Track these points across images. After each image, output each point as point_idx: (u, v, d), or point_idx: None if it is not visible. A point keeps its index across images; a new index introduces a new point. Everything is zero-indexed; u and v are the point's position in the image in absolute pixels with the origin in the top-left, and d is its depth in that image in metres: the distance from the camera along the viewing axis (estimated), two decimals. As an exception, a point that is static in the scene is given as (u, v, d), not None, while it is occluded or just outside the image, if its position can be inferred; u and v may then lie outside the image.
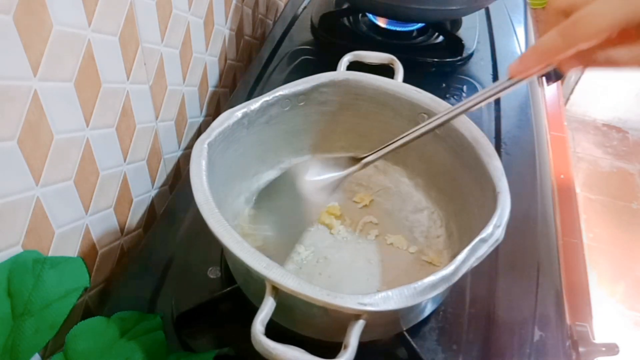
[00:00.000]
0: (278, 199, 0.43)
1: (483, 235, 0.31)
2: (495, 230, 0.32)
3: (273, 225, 0.42)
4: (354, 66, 0.46)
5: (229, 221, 0.32)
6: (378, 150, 0.40)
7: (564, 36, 0.29)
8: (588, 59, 0.31)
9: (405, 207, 0.47)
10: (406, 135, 0.38)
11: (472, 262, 0.30)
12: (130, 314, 0.38)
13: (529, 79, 0.32)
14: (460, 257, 0.30)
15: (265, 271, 0.28)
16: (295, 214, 0.41)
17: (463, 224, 0.42)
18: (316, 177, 0.41)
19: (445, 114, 0.37)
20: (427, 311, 0.38)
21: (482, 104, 0.35)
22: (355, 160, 0.41)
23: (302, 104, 0.44)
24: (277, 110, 0.43)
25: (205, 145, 0.36)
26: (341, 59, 0.47)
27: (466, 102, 0.35)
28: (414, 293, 0.28)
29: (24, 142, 0.33)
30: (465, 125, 0.40)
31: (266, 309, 0.28)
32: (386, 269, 0.43)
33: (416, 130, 0.38)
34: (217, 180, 0.37)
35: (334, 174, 0.41)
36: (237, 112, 0.40)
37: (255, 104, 0.41)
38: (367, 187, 0.49)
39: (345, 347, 0.27)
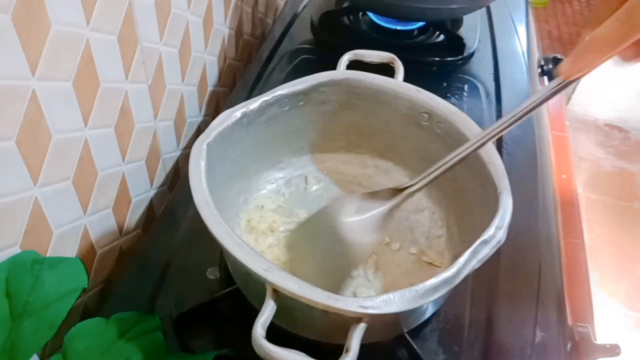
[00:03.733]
0: (314, 244, 0.40)
1: (485, 237, 0.31)
2: (497, 231, 0.31)
3: (311, 273, 0.38)
4: (354, 65, 0.46)
5: (229, 222, 0.32)
6: (422, 179, 0.37)
7: (625, 23, 0.27)
8: None
9: (406, 207, 0.47)
10: (454, 157, 0.35)
11: (474, 264, 0.30)
12: (129, 315, 0.37)
13: (581, 78, 0.30)
14: (462, 260, 0.30)
15: (265, 274, 0.28)
16: (337, 258, 0.37)
17: (464, 224, 0.42)
18: (355, 216, 0.37)
19: (495, 129, 0.34)
20: (428, 313, 0.38)
21: (531, 113, 0.33)
22: (397, 191, 0.38)
23: (301, 103, 0.44)
24: (276, 110, 0.43)
25: (204, 146, 0.36)
26: (341, 58, 0.46)
27: (515, 113, 0.33)
28: (415, 296, 0.28)
29: (23, 142, 0.33)
30: (466, 125, 0.40)
31: (267, 312, 0.28)
32: (386, 270, 0.42)
33: (465, 149, 0.35)
34: (216, 180, 0.36)
35: (376, 210, 0.38)
36: (236, 112, 0.39)
37: (254, 103, 0.41)
38: (367, 187, 0.49)
39: (347, 350, 0.26)
